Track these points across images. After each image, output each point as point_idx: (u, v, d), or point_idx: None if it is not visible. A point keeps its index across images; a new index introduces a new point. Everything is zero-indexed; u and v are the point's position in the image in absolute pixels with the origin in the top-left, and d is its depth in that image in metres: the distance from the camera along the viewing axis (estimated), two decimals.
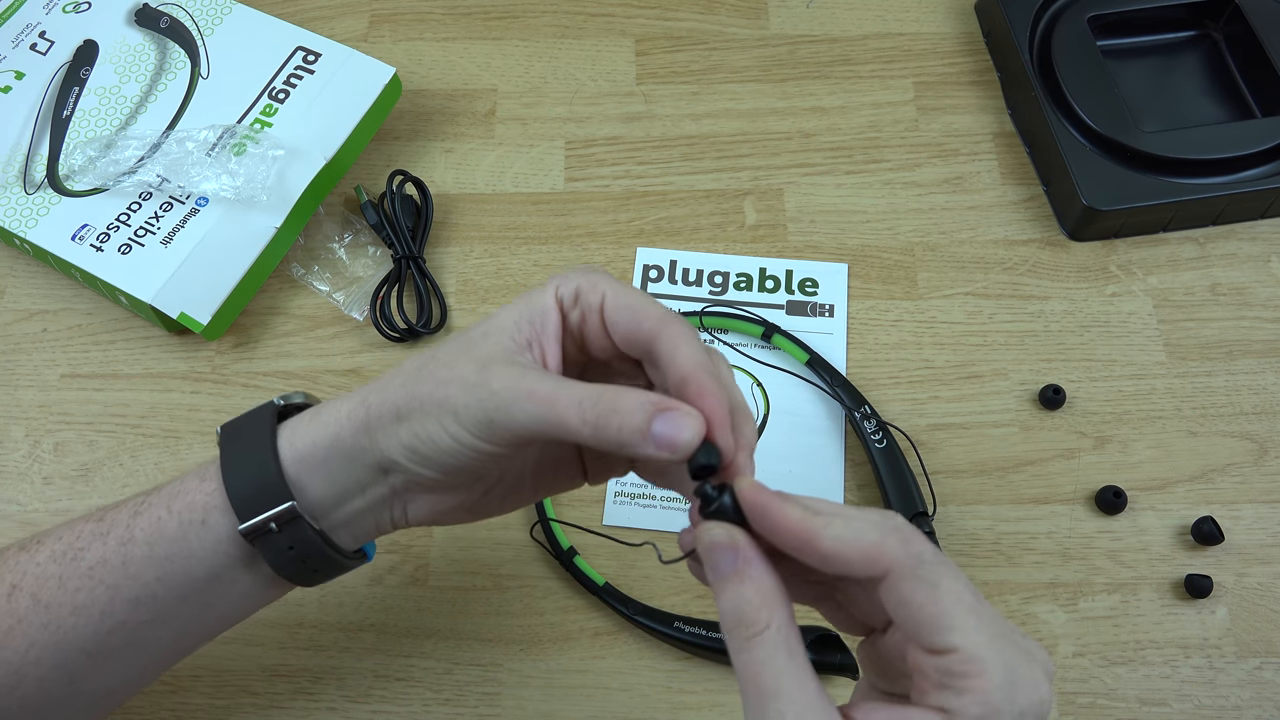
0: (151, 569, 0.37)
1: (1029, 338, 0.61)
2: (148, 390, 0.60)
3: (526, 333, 0.35)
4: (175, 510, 0.38)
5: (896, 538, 0.30)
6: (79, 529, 0.39)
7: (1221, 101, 0.68)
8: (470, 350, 0.35)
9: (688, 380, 0.32)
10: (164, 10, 0.67)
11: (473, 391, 0.33)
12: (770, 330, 0.60)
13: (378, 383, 0.37)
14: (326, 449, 0.37)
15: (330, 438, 0.37)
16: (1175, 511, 0.56)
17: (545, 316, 0.35)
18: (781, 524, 0.30)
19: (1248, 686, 0.52)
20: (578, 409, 0.32)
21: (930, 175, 0.67)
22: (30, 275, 0.64)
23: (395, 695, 0.52)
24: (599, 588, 0.53)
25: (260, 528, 0.36)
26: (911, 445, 0.57)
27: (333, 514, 0.38)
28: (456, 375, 0.34)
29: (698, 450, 0.31)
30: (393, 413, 0.35)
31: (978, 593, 0.30)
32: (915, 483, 0.55)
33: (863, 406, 0.57)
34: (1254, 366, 0.60)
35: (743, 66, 0.71)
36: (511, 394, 0.33)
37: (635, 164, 0.67)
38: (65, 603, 0.37)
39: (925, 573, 0.29)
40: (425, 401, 0.35)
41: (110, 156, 0.61)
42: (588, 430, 0.32)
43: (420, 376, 0.35)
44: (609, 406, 0.32)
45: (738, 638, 0.30)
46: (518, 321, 0.35)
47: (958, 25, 0.72)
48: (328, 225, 0.64)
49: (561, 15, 0.73)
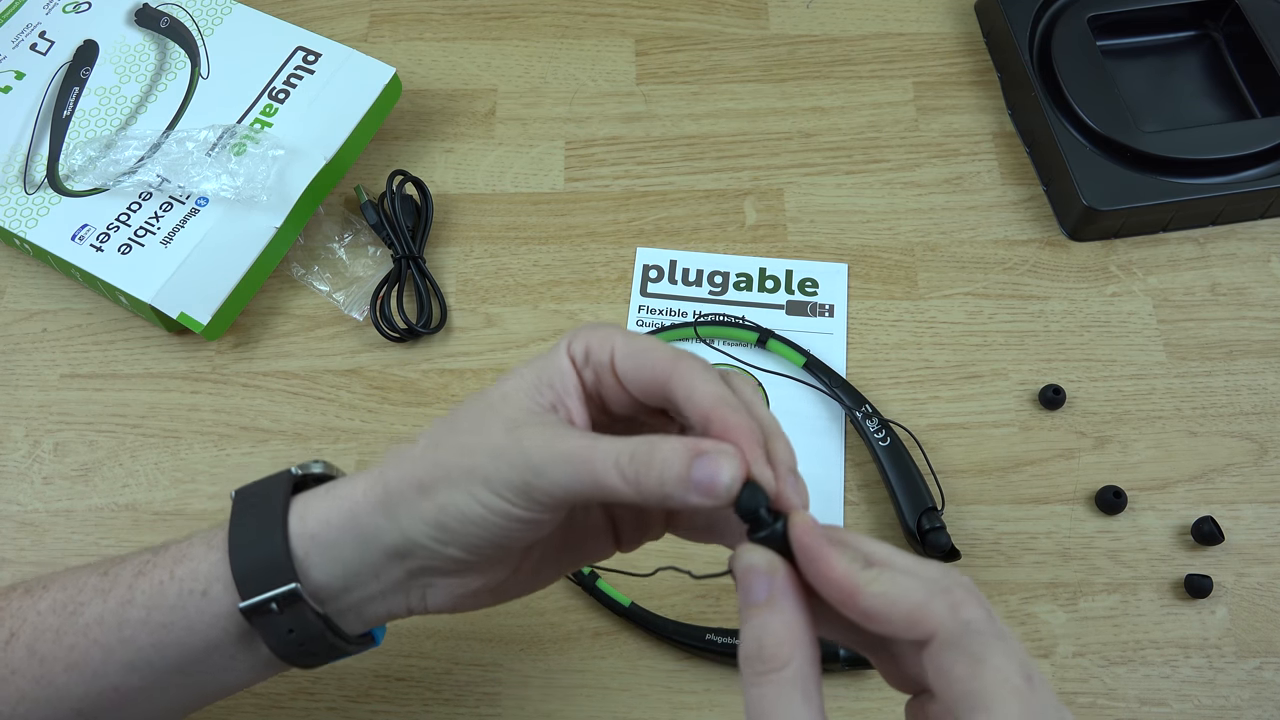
0: (147, 634, 0.35)
1: (1029, 338, 0.61)
2: (148, 390, 0.60)
3: (549, 396, 0.33)
4: (178, 576, 0.36)
5: (945, 600, 0.28)
6: (83, 580, 0.37)
7: (1221, 101, 0.68)
8: (492, 414, 0.33)
9: (710, 419, 0.31)
10: (164, 10, 0.67)
11: (503, 456, 0.32)
12: (765, 335, 0.60)
13: (394, 456, 0.34)
14: (339, 529, 0.35)
15: (345, 515, 0.35)
16: (1175, 511, 0.56)
17: (564, 378, 0.34)
18: (825, 573, 0.29)
19: (1248, 686, 0.52)
20: (615, 464, 0.30)
21: (930, 175, 0.67)
22: (30, 275, 0.64)
23: (395, 695, 0.52)
24: (626, 609, 0.52)
25: (261, 607, 0.34)
26: (915, 442, 0.57)
27: (341, 598, 0.36)
28: (484, 442, 0.32)
29: (742, 493, 0.30)
30: (415, 487, 0.33)
31: (1033, 671, 0.27)
32: (922, 478, 0.55)
33: (863, 406, 0.57)
34: (1254, 366, 0.60)
35: (743, 66, 0.71)
36: (546, 454, 0.31)
37: (635, 164, 0.67)
38: (60, 658, 0.36)
39: (971, 643, 0.27)
40: (451, 471, 0.33)
41: (110, 156, 0.61)
42: (629, 487, 0.30)
43: (442, 446, 0.33)
44: (646, 458, 0.30)
45: (754, 670, 0.29)
46: (537, 384, 0.33)
47: (958, 25, 0.72)
48: (328, 225, 0.64)
49: (561, 15, 0.73)
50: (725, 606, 0.54)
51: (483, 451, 0.32)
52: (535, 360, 0.34)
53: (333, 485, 0.36)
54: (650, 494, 0.30)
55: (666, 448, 0.30)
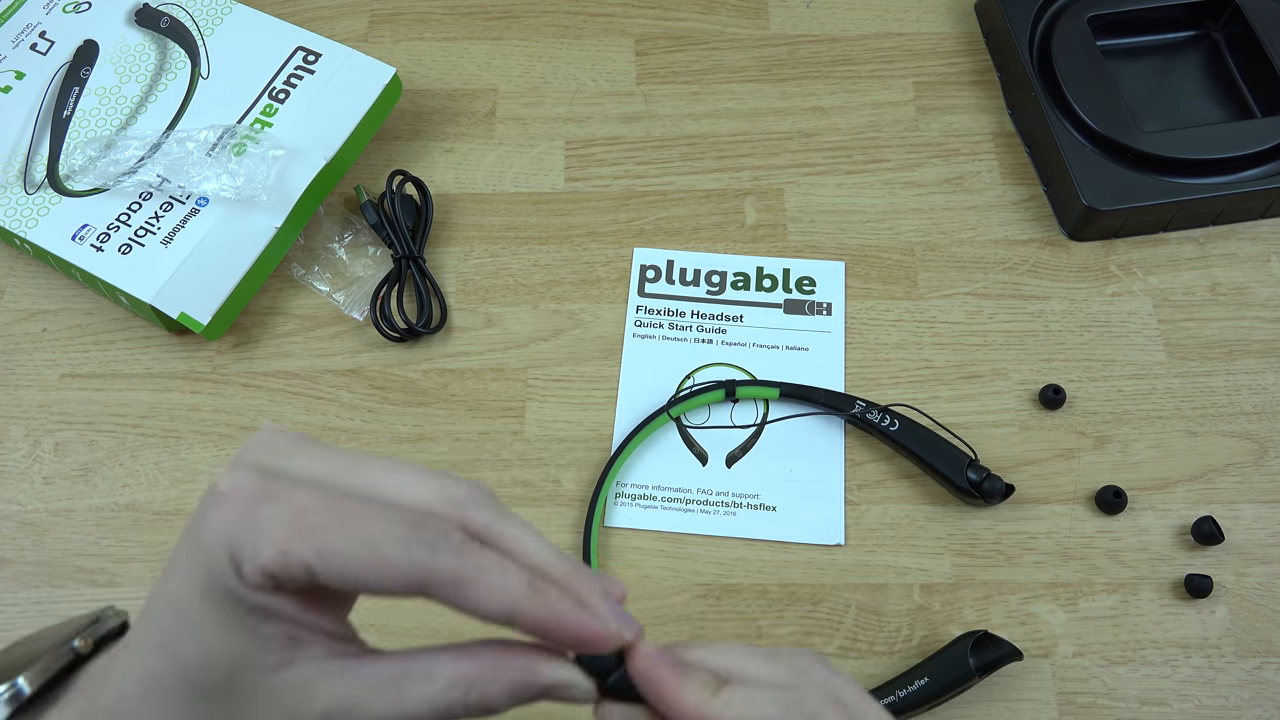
0: None
1: (1029, 337, 0.61)
2: (148, 390, 0.60)
3: (276, 635, 0.26)
4: None
5: (800, 713, 0.28)
6: None
7: (1221, 101, 0.68)
8: (240, 695, 0.26)
9: (515, 619, 0.26)
10: (164, 10, 0.67)
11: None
12: (730, 388, 0.58)
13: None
14: None
15: None
16: (1175, 511, 0.56)
17: (271, 609, 0.26)
18: (678, 707, 0.28)
19: (1248, 686, 0.52)
20: (430, 709, 0.26)
21: (930, 175, 0.67)
22: (30, 275, 0.64)
23: None
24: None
25: None
26: (920, 412, 0.57)
27: None
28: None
29: (580, 661, 0.28)
30: None
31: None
32: (947, 441, 0.56)
33: (855, 405, 0.57)
34: (1254, 366, 0.60)
35: (743, 66, 0.71)
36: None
37: (635, 164, 0.67)
38: None
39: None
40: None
41: (110, 156, 0.61)
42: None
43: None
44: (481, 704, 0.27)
45: None
46: (247, 635, 0.26)
47: (958, 25, 0.72)
48: (328, 225, 0.64)
49: (561, 15, 0.73)
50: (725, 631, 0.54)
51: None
52: (207, 599, 0.25)
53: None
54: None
55: (498, 690, 0.27)
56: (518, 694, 0.27)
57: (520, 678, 0.27)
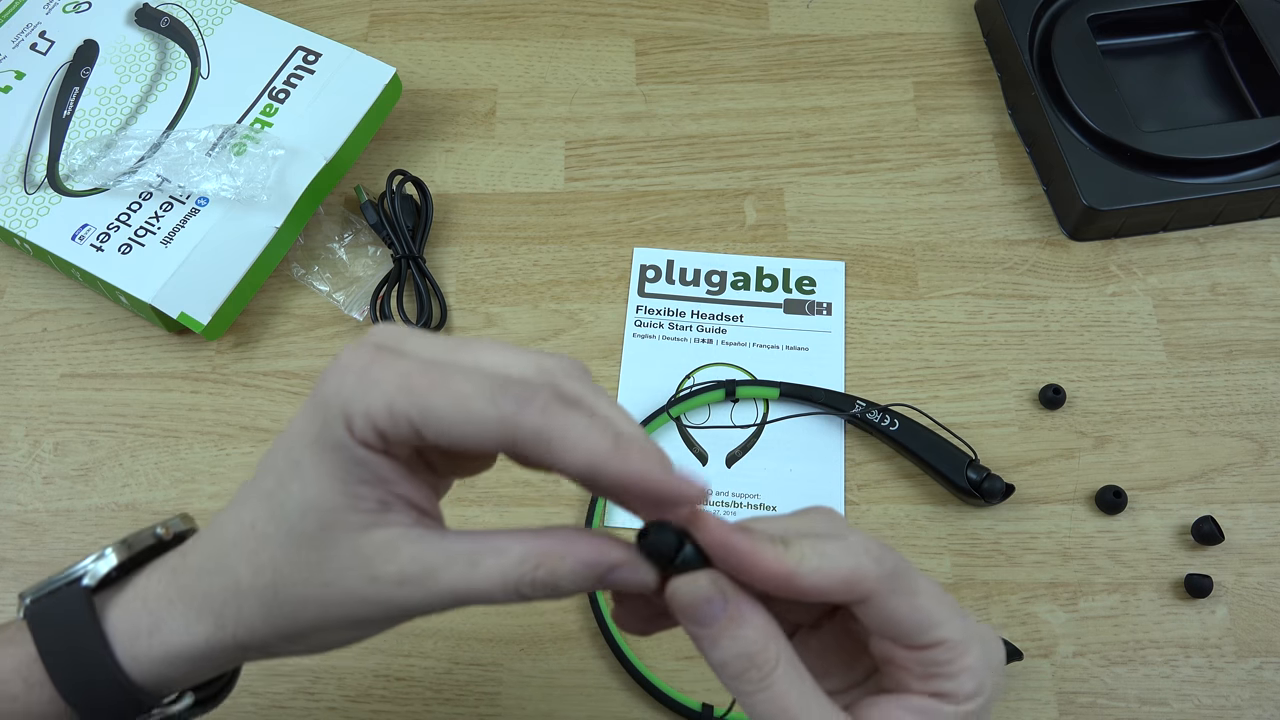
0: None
1: (1029, 337, 0.61)
2: (148, 390, 0.60)
3: (373, 496, 0.28)
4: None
5: (869, 558, 0.29)
6: None
7: (1221, 101, 0.68)
8: (328, 546, 0.29)
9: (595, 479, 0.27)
10: (164, 10, 0.67)
11: (377, 605, 0.29)
12: (730, 388, 0.58)
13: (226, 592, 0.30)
14: (184, 677, 0.32)
15: (186, 664, 0.32)
16: (1175, 511, 0.56)
17: (373, 468, 0.28)
18: (759, 565, 0.28)
19: (1248, 686, 0.52)
20: (515, 589, 0.28)
21: (930, 175, 0.67)
22: (30, 275, 0.64)
23: (395, 695, 0.52)
24: (698, 714, 0.51)
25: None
26: (920, 412, 0.57)
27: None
28: (341, 592, 0.29)
29: (645, 543, 0.29)
30: (278, 636, 0.30)
31: (933, 579, 0.31)
32: (947, 441, 0.56)
33: (855, 405, 0.57)
34: (1254, 366, 0.60)
35: (743, 66, 0.71)
36: (421, 594, 0.28)
37: (635, 164, 0.67)
38: None
39: (901, 584, 0.29)
40: (320, 623, 0.30)
41: (110, 156, 0.61)
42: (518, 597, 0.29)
43: (288, 599, 0.29)
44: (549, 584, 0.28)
45: (750, 682, 0.28)
46: (346, 489, 0.28)
47: (958, 25, 0.72)
48: (328, 225, 0.64)
49: (561, 15, 0.73)
50: None
51: (350, 602, 0.29)
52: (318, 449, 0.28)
53: (156, 628, 0.32)
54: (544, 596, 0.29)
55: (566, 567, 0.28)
56: (585, 574, 0.28)
57: (589, 556, 0.28)
